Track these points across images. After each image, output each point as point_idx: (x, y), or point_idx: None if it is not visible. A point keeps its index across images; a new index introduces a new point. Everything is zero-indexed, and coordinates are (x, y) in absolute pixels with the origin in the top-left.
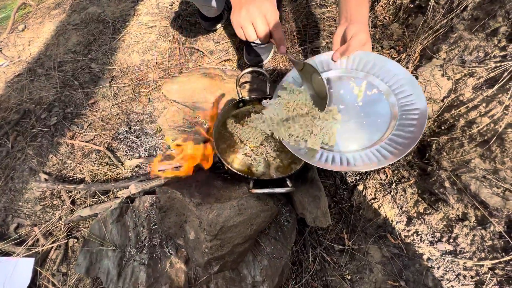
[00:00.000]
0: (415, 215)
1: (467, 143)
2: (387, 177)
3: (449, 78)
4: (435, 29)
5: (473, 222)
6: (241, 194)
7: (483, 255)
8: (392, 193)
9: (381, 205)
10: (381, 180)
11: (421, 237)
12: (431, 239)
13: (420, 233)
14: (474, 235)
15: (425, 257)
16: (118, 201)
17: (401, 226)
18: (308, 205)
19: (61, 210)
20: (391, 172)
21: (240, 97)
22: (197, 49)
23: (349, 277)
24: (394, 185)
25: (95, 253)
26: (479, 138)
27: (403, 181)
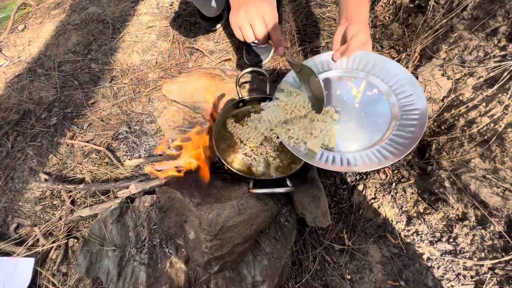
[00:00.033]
0: (415, 215)
1: (467, 142)
2: (387, 177)
3: (449, 77)
4: (435, 29)
5: (473, 222)
6: (241, 194)
7: (483, 255)
8: (392, 193)
9: (381, 205)
10: (381, 180)
11: (421, 237)
12: (431, 239)
13: (420, 233)
14: (474, 235)
15: (425, 256)
16: (118, 201)
17: (401, 226)
18: (308, 205)
19: (61, 210)
20: (391, 172)
21: (240, 97)
22: (197, 49)
23: (349, 277)
24: (394, 185)
25: (95, 253)
26: (479, 137)
27: (403, 181)
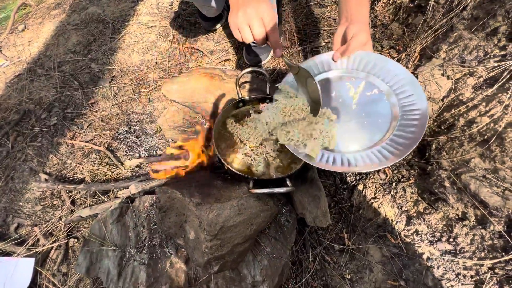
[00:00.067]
0: (415, 214)
1: (467, 142)
2: (387, 176)
3: (449, 77)
4: (435, 29)
5: (473, 221)
6: (241, 194)
7: (483, 254)
8: (392, 192)
9: (381, 204)
10: (381, 179)
11: (421, 236)
12: (431, 238)
13: (420, 232)
14: (474, 235)
15: (425, 256)
16: (118, 201)
17: (401, 225)
18: (308, 204)
19: (61, 210)
20: (391, 171)
21: (240, 97)
22: (197, 49)
23: (349, 277)
24: (394, 184)
25: (95, 253)
26: (479, 137)
27: (403, 180)
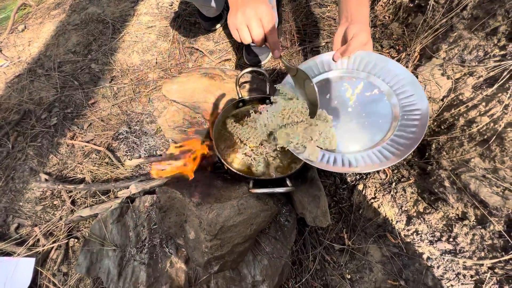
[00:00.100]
0: (415, 214)
1: (467, 142)
2: (387, 176)
3: (449, 77)
4: (435, 28)
5: (473, 221)
6: (241, 194)
7: (482, 254)
8: (392, 192)
9: (381, 204)
10: (381, 179)
11: (421, 236)
12: (431, 238)
13: (420, 232)
14: (473, 234)
15: (425, 256)
16: (118, 201)
17: (401, 225)
18: (308, 204)
19: (62, 210)
20: (391, 171)
21: (240, 97)
22: (197, 49)
23: (349, 277)
24: (394, 184)
25: (95, 253)
26: (479, 137)
27: (403, 180)
